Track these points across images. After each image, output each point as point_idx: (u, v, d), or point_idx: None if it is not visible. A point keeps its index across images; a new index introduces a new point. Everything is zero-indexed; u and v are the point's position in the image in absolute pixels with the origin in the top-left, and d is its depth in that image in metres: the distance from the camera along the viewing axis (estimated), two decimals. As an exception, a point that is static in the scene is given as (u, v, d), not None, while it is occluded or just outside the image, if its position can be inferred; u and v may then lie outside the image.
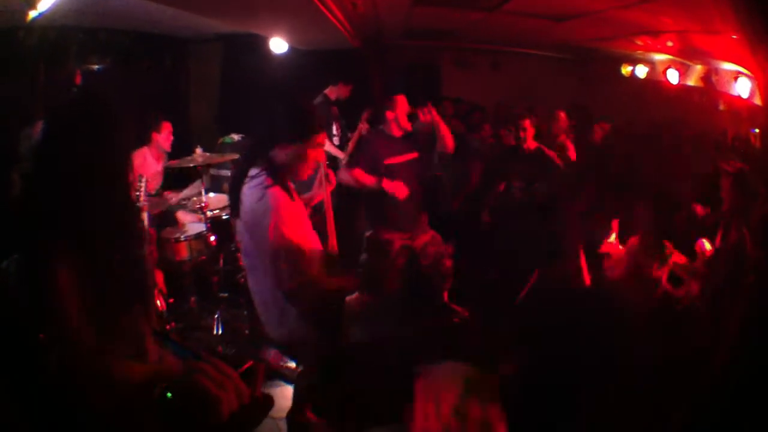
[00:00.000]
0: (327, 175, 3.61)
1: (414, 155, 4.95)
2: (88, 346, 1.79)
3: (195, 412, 1.42)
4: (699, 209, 4.85)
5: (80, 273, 1.79)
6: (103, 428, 1.75)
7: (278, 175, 3.02)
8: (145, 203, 3.78)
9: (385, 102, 4.97)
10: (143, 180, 3.83)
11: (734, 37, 4.75)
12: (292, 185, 3.16)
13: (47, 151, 1.93)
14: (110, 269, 1.89)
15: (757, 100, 5.92)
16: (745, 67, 5.97)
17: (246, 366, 1.64)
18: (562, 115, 7.07)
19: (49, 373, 1.77)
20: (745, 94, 6.15)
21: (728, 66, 6.61)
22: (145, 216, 3.69)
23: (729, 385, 1.93)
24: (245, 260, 3.22)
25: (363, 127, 6.50)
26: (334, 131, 6.86)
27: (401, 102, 4.91)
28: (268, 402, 1.66)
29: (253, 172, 3.02)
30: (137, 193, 3.73)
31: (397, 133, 4.94)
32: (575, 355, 2.55)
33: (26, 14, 3.82)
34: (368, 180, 4.73)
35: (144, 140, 5.25)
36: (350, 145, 6.64)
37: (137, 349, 2.00)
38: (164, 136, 5.19)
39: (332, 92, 6.85)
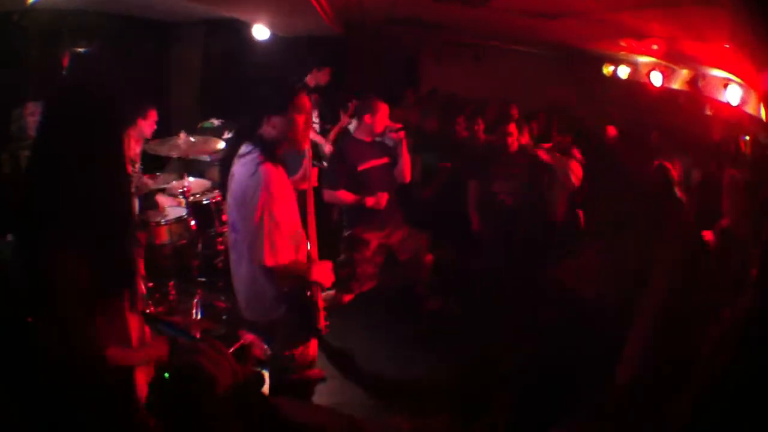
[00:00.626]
0: (309, 172, 3.65)
1: (384, 160, 4.96)
2: (83, 328, 1.79)
3: (193, 390, 1.45)
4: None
5: (77, 255, 1.79)
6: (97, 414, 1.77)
7: (270, 151, 3.08)
8: (135, 188, 3.79)
9: (368, 103, 4.94)
10: (136, 165, 3.83)
11: (726, 46, 4.75)
12: (283, 163, 3.21)
13: (44, 137, 1.93)
14: (106, 252, 1.89)
15: (750, 109, 5.95)
16: (736, 76, 5.99)
17: (237, 345, 1.67)
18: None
19: (42, 358, 1.78)
20: (734, 102, 6.10)
21: (717, 73, 6.57)
22: (135, 201, 3.70)
23: (729, 385, 1.96)
24: (231, 235, 3.25)
25: (345, 119, 6.50)
26: (315, 119, 6.84)
27: (382, 109, 4.88)
28: (260, 380, 1.69)
29: (244, 149, 3.08)
30: (132, 176, 3.74)
31: (368, 138, 4.94)
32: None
33: None
34: (351, 198, 4.79)
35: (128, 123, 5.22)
36: (331, 136, 6.65)
37: (122, 334, 2.01)
38: (149, 123, 5.15)
39: (311, 79, 6.83)
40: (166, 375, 1.48)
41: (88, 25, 5.91)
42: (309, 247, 3.44)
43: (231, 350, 1.61)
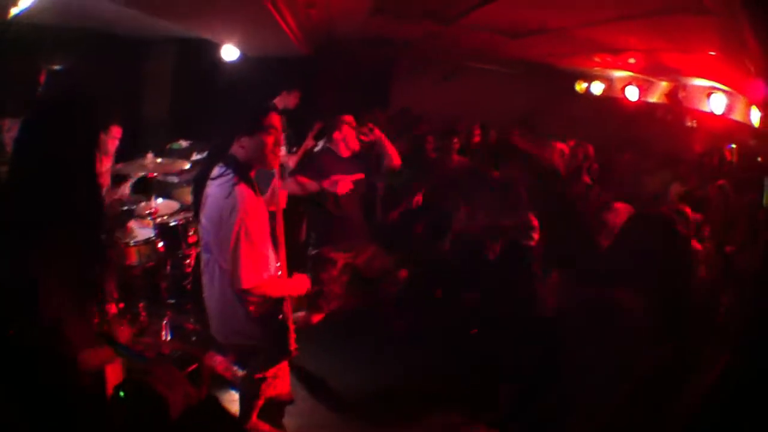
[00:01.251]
0: (278, 193, 3.70)
1: (359, 176, 4.98)
2: (59, 329, 1.80)
3: (146, 411, 1.46)
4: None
5: (57, 260, 1.81)
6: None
7: (243, 171, 3.10)
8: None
9: (333, 121, 4.99)
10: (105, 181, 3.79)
11: (712, 53, 4.78)
12: (256, 183, 3.22)
13: (25, 148, 1.95)
14: (83, 256, 1.91)
15: (737, 116, 5.97)
16: (722, 83, 6.01)
17: (191, 368, 1.67)
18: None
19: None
20: (719, 110, 6.18)
21: (699, 82, 6.63)
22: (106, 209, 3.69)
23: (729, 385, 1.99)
24: (203, 256, 3.25)
25: (309, 142, 6.50)
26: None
27: (349, 122, 4.95)
28: (216, 402, 1.70)
29: (217, 170, 3.10)
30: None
31: (344, 153, 4.99)
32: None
33: (8, 11, 3.80)
34: (311, 186, 4.82)
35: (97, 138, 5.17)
36: (296, 159, 6.65)
37: (98, 334, 2.02)
38: (110, 138, 5.12)
39: (280, 101, 6.84)
40: (122, 393, 1.49)
41: (63, 41, 5.90)
42: (279, 267, 3.44)
43: (185, 372, 1.61)
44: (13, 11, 3.83)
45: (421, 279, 5.64)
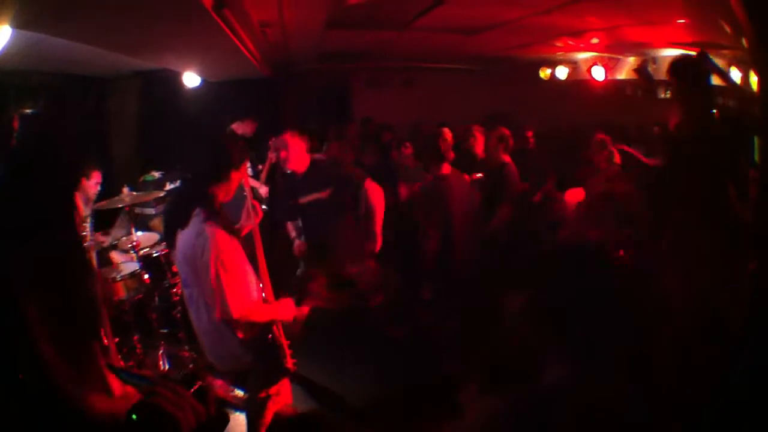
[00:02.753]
0: (254, 207, 3.68)
1: (322, 194, 4.82)
2: (60, 381, 1.85)
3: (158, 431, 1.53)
4: None
5: (45, 309, 1.85)
6: None
7: (211, 207, 3.12)
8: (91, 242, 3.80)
9: (277, 142, 4.83)
10: (88, 220, 3.84)
11: (680, 21, 4.75)
12: (224, 214, 3.23)
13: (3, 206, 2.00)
14: (71, 304, 1.96)
15: (715, 80, 5.94)
16: (693, 51, 5.95)
17: (196, 386, 1.75)
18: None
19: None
20: None
21: (669, 52, 6.59)
22: (93, 254, 3.73)
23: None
24: (185, 291, 3.28)
25: (272, 156, 6.43)
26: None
27: (292, 140, 4.73)
28: (224, 418, 1.78)
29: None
30: (84, 233, 3.76)
31: (298, 170, 4.80)
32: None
33: None
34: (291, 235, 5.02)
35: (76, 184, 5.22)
36: (262, 177, 6.71)
37: (102, 384, 2.06)
38: (92, 184, 5.17)
39: (239, 127, 6.91)
40: (134, 416, 1.55)
41: (36, 85, 5.92)
42: (263, 288, 3.45)
43: (191, 392, 1.68)
44: None
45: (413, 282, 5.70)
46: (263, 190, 6.56)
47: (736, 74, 5.54)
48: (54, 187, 2.01)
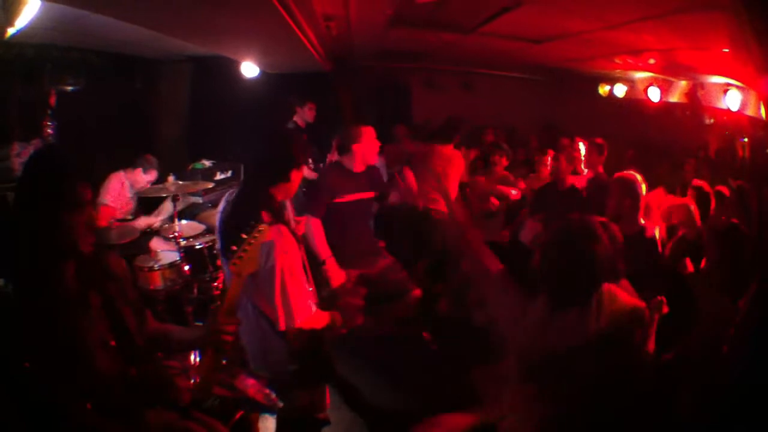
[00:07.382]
0: (297, 222, 3.58)
1: (369, 194, 4.80)
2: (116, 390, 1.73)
3: None
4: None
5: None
6: None
7: (274, 209, 2.95)
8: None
9: (353, 133, 4.70)
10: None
11: (725, 50, 4.75)
12: (288, 217, 3.19)
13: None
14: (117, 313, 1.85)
15: (749, 111, 5.94)
16: (736, 80, 5.98)
17: (238, 416, 1.58)
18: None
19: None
20: (734, 107, 6.14)
21: (716, 79, 6.62)
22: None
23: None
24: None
25: (334, 156, 6.38)
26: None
27: (368, 135, 4.66)
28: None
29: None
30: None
31: (358, 168, 4.70)
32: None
33: (4, 30, 3.72)
34: (317, 238, 4.51)
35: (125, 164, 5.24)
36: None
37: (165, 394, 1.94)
38: (148, 176, 5.13)
39: (299, 118, 6.85)
40: None
41: (77, 61, 5.85)
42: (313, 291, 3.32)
43: (231, 423, 1.52)
44: (10, 31, 3.74)
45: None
46: None
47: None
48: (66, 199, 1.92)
